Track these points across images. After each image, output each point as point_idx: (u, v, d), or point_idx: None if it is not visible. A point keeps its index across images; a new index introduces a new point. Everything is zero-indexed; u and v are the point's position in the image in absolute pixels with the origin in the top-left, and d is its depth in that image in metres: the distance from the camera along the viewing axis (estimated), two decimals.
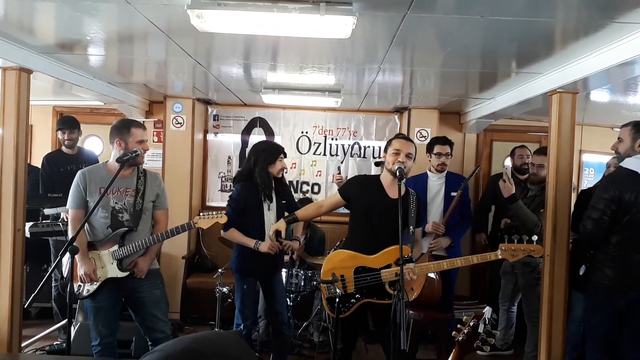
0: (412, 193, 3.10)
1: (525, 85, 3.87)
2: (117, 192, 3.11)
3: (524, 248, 2.96)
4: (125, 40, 3.28)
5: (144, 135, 3.15)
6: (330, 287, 2.95)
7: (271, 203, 3.63)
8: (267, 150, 3.64)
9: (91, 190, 3.07)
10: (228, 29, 2.48)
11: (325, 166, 5.92)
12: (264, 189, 3.56)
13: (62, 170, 4.72)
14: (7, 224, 3.41)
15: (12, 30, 3.06)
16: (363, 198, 3.07)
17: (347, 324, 3.07)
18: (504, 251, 2.96)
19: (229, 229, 3.57)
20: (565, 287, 3.42)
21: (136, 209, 3.11)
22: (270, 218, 3.63)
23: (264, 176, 3.56)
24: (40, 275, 4.76)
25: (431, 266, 3.07)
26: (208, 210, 5.77)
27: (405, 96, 4.94)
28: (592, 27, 2.55)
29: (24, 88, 3.46)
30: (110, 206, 3.09)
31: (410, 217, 3.00)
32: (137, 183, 3.15)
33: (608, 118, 5.50)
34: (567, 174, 3.42)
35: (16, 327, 3.48)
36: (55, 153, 4.98)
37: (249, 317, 3.65)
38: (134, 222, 3.11)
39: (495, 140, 5.83)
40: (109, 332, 3.14)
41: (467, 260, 3.07)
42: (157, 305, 3.20)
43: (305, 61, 3.64)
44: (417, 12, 2.41)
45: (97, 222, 3.11)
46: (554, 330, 3.43)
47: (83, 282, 3.05)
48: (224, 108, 5.92)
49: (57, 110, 5.87)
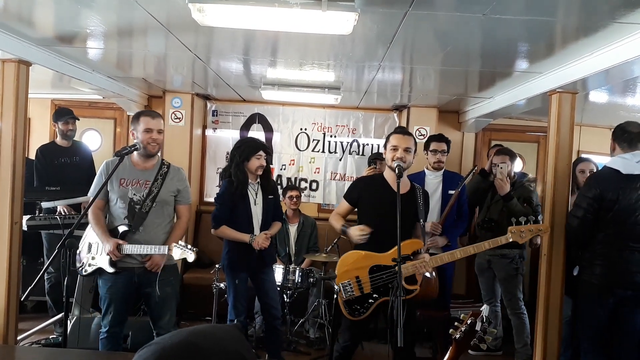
0: (418, 187, 3.11)
1: (524, 84, 3.87)
2: (137, 184, 3.13)
3: (532, 228, 3.04)
4: (125, 34, 3.27)
5: (150, 124, 3.07)
6: (347, 289, 2.93)
7: (256, 198, 3.66)
8: (243, 147, 3.65)
9: (111, 180, 3.09)
10: (229, 23, 2.47)
11: (324, 163, 5.91)
12: (237, 186, 3.58)
13: (56, 163, 4.72)
14: (5, 217, 3.40)
15: (11, 22, 3.04)
16: (370, 197, 3.05)
17: (357, 323, 3.02)
18: (514, 234, 3.01)
19: (219, 226, 3.62)
20: (561, 287, 3.43)
21: (144, 207, 3.10)
22: (257, 212, 3.66)
23: (237, 173, 3.59)
24: (37, 269, 4.76)
25: (445, 256, 3.02)
26: (208, 205, 5.83)
27: (404, 94, 4.94)
28: (592, 27, 2.56)
29: (23, 80, 3.45)
30: (128, 197, 3.11)
31: (419, 211, 3.01)
32: (156, 176, 3.16)
33: (606, 119, 5.50)
34: (565, 174, 3.43)
35: (12, 320, 3.47)
36: (50, 145, 4.93)
37: (242, 312, 3.66)
38: (137, 221, 3.09)
39: (493, 140, 5.82)
40: (116, 322, 3.17)
41: (480, 246, 3.08)
42: (166, 301, 3.20)
43: (305, 57, 3.64)
44: (418, 9, 2.41)
45: (116, 212, 3.15)
46: (550, 329, 3.44)
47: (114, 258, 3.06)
48: (223, 104, 5.90)
49: (56, 103, 5.84)
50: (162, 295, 3.16)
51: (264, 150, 3.66)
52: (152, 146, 3.10)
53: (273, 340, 3.78)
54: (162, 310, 3.21)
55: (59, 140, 4.85)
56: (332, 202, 5.90)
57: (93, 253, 3.17)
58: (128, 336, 3.90)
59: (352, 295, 2.92)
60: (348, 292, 2.94)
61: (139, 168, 3.17)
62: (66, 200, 4.41)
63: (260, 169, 3.63)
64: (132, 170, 3.15)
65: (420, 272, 2.88)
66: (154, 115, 3.15)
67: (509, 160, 4.24)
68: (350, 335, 3.08)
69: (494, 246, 3.08)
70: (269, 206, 3.71)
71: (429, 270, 2.91)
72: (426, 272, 2.90)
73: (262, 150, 3.65)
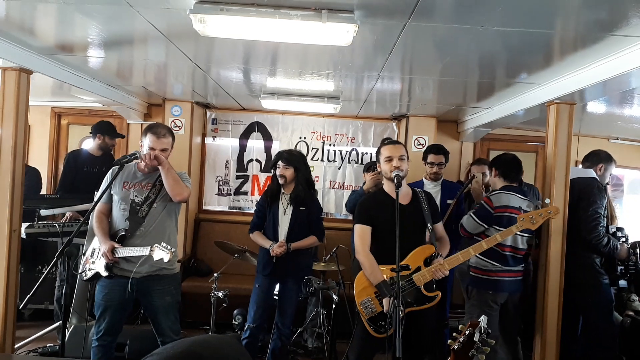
0: (420, 192, 3.11)
1: (522, 95, 3.90)
2: (139, 185, 3.16)
3: (541, 212, 3.08)
4: (126, 43, 3.28)
5: (155, 144, 3.06)
6: (367, 306, 2.91)
7: (286, 208, 3.74)
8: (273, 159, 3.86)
9: (116, 183, 3.14)
10: (230, 34, 2.50)
11: (323, 172, 5.92)
12: (268, 195, 3.82)
13: (85, 169, 4.88)
14: (3, 225, 3.41)
15: (12, 31, 3.06)
16: (378, 213, 3.02)
17: (373, 339, 2.95)
18: (523, 221, 3.06)
19: (251, 232, 3.86)
20: (559, 295, 3.45)
21: (146, 203, 3.12)
22: (285, 222, 3.72)
23: (272, 183, 3.86)
24: (35, 277, 4.74)
25: (459, 256, 2.98)
26: (207, 213, 5.82)
27: (403, 104, 4.96)
28: (590, 39, 2.58)
29: (24, 88, 3.47)
30: (130, 199, 3.13)
31: (425, 216, 3.00)
32: (156, 179, 3.18)
33: (604, 129, 5.54)
34: (563, 184, 3.45)
35: (10, 328, 3.46)
36: (81, 152, 5.13)
37: (253, 319, 3.70)
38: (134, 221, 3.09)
39: (492, 149, 5.85)
40: (109, 331, 3.14)
41: (491, 240, 3.08)
42: (167, 310, 3.19)
43: (305, 67, 3.66)
44: (417, 21, 2.43)
45: (117, 213, 3.16)
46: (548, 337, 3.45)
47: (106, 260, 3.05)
48: (223, 112, 5.92)
49: (55, 111, 5.86)
50: (162, 304, 3.15)
51: (282, 160, 3.71)
52: (149, 164, 3.09)
53: (274, 350, 3.82)
54: (162, 319, 3.19)
55: (94, 149, 4.98)
56: (330, 211, 5.90)
57: (94, 258, 3.18)
58: (126, 345, 3.88)
59: (375, 312, 2.90)
60: (369, 309, 2.92)
61: (143, 173, 3.20)
62: (65, 208, 4.41)
63: (282, 179, 3.72)
64: (136, 174, 3.20)
65: (437, 277, 2.87)
66: (160, 135, 3.10)
67: (487, 169, 4.28)
68: (363, 351, 3.04)
69: (506, 237, 3.16)
70: (297, 217, 3.73)
71: (445, 274, 2.89)
72: (443, 275, 2.88)
73: (280, 160, 3.72)
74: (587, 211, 3.51)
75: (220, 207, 5.95)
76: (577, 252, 3.53)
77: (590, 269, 3.58)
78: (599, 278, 3.59)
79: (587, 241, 3.51)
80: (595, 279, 3.59)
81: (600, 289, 3.60)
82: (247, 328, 3.72)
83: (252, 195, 5.92)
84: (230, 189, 5.94)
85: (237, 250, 4.26)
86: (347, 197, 5.12)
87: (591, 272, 3.58)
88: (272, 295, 3.85)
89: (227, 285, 4.50)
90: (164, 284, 3.15)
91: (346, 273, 4.23)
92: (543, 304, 3.48)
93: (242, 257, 4.30)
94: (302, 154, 4.06)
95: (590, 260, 3.58)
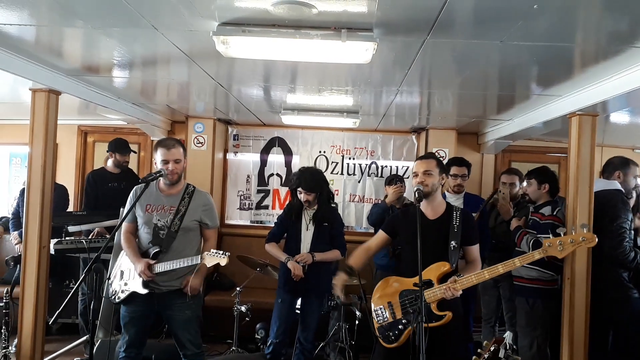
0: (456, 209, 2.99)
1: (544, 107, 3.87)
2: (162, 209, 3.19)
3: (573, 239, 2.62)
4: (150, 63, 3.37)
5: (166, 155, 3.11)
6: (378, 314, 2.91)
7: (309, 224, 3.78)
8: (293, 179, 3.86)
9: (138, 205, 3.19)
10: (251, 54, 2.55)
11: (343, 185, 5.94)
12: (291, 210, 3.85)
13: (106, 188, 4.98)
14: (34, 241, 3.50)
15: (42, 54, 3.17)
16: (406, 226, 3.00)
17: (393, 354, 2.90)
18: (550, 247, 2.66)
19: (268, 243, 3.89)
20: (586, 309, 3.39)
21: (171, 230, 3.14)
22: (307, 237, 3.76)
23: (294, 199, 3.87)
24: (62, 292, 4.83)
25: (473, 277, 2.75)
26: (229, 227, 5.88)
27: (422, 117, 4.96)
28: (611, 52, 2.57)
29: (53, 109, 3.58)
30: (152, 223, 3.16)
31: (452, 232, 2.88)
32: (179, 203, 3.19)
33: (629, 139, 5.45)
34: (586, 196, 3.40)
35: (39, 342, 3.54)
36: (100, 171, 5.23)
37: (276, 335, 3.72)
38: (166, 243, 3.13)
39: (513, 161, 5.79)
40: (134, 343, 3.21)
41: (508, 264, 2.72)
42: (187, 324, 3.23)
43: (324, 83, 3.71)
44: (436, 37, 2.45)
45: (142, 237, 3.23)
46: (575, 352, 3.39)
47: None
48: (244, 128, 6.00)
49: (82, 129, 6.01)
50: (182, 317, 3.19)
51: (302, 187, 3.72)
52: (170, 177, 3.14)
53: None
54: (183, 332, 3.23)
55: (111, 167, 5.09)
56: (351, 225, 5.91)
57: (125, 279, 3.22)
58: (151, 359, 3.92)
59: (385, 321, 2.89)
60: (379, 317, 2.91)
61: (164, 194, 3.22)
62: (91, 225, 4.51)
63: (305, 202, 3.75)
64: (158, 196, 3.21)
65: (447, 296, 2.74)
66: (170, 146, 3.13)
67: (518, 180, 4.24)
68: None
69: (525, 263, 2.78)
70: (320, 233, 3.77)
71: (456, 294, 2.75)
72: (453, 295, 2.74)
73: (300, 187, 3.73)
74: (612, 226, 3.43)
75: (242, 221, 6.01)
76: (604, 266, 3.46)
77: (618, 284, 3.51)
78: (627, 292, 3.52)
79: (613, 257, 3.45)
80: (624, 294, 3.51)
81: (629, 303, 3.52)
82: (270, 344, 3.75)
83: (273, 209, 5.96)
84: (251, 203, 6.00)
85: (259, 265, 4.30)
86: (367, 210, 5.12)
87: (619, 287, 3.51)
88: (294, 310, 3.87)
89: (250, 299, 4.53)
90: (185, 298, 3.18)
91: (368, 287, 4.21)
92: (569, 318, 3.42)
93: (264, 271, 4.33)
94: (321, 173, 3.96)
95: (617, 274, 3.51)
